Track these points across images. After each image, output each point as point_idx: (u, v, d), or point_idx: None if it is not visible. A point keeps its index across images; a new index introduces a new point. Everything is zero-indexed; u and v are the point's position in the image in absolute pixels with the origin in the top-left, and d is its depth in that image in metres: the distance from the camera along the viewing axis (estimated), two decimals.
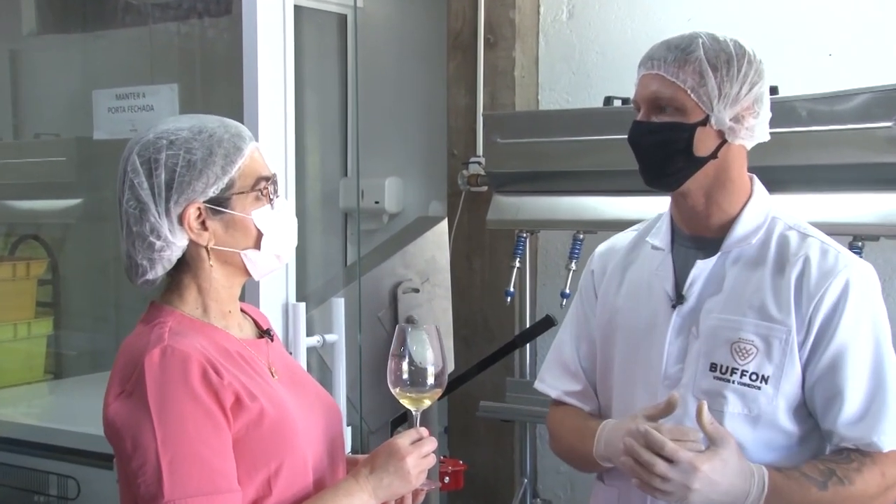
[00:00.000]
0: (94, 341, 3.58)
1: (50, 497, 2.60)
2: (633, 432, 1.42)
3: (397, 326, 1.47)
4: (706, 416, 1.42)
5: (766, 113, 1.55)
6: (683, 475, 1.38)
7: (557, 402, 1.75)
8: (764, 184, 1.62)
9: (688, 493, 1.38)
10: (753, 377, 1.49)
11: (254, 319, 1.51)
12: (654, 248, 1.65)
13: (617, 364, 1.64)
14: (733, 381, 1.50)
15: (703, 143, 1.52)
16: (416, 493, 1.47)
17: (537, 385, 1.78)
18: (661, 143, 1.52)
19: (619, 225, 1.85)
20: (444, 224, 2.74)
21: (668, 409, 1.46)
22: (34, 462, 2.60)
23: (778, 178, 1.78)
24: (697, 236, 1.60)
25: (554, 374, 1.75)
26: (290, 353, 2.12)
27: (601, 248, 1.76)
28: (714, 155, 1.53)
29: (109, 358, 1.37)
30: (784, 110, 2.40)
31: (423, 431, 1.43)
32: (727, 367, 1.51)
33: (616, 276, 1.69)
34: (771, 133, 1.59)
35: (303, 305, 2.16)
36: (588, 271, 1.75)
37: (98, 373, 3.24)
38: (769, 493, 1.42)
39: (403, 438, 1.41)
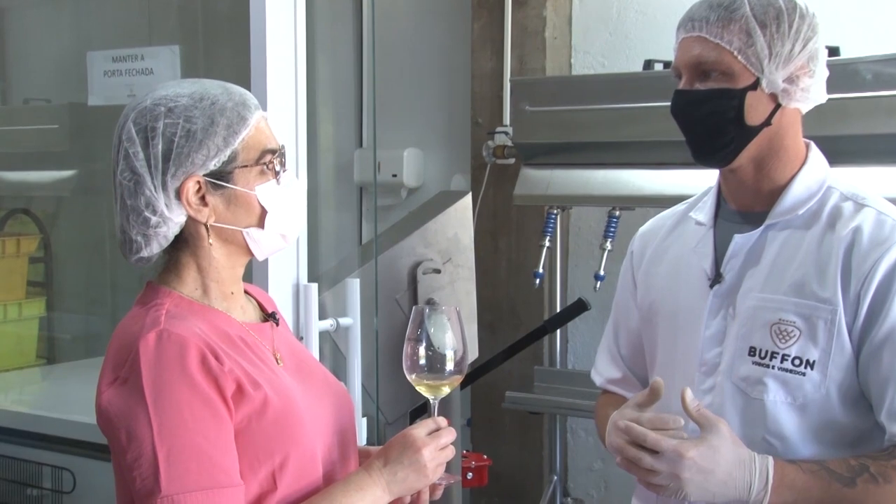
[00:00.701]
0: (89, 324, 3.61)
1: (44, 490, 2.63)
2: (617, 429, 1.44)
3: (414, 308, 1.47)
4: (690, 401, 1.42)
5: (822, 71, 1.52)
6: (671, 464, 1.38)
7: (604, 391, 1.79)
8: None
9: (680, 483, 1.38)
10: (796, 362, 1.47)
11: (258, 302, 1.50)
12: (698, 223, 1.63)
13: (659, 351, 1.63)
14: (773, 367, 1.48)
15: (755, 110, 1.49)
16: (433, 488, 1.47)
17: (592, 373, 1.82)
18: (709, 114, 1.49)
19: (659, 201, 1.84)
20: (468, 199, 2.73)
21: (653, 396, 1.46)
22: (26, 452, 2.63)
23: (838, 148, 1.74)
24: (746, 211, 1.58)
25: (603, 361, 1.79)
26: (301, 339, 2.13)
27: (644, 227, 1.76)
28: (767, 122, 1.50)
29: (105, 342, 1.37)
30: (846, 74, 2.35)
31: (441, 421, 1.43)
32: (767, 352, 1.48)
33: (657, 257, 1.68)
34: (831, 99, 1.56)
35: (314, 287, 2.16)
36: (628, 253, 1.75)
37: (93, 358, 3.26)
38: (777, 485, 1.40)
39: (419, 429, 1.41)
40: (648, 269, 1.68)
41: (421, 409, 2.56)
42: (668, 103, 1.54)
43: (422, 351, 1.45)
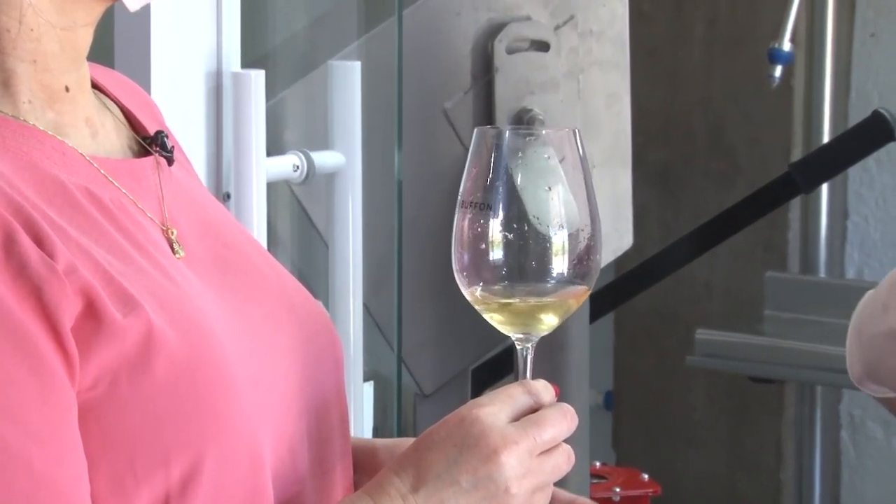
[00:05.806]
0: None
1: None
2: None
3: (476, 130, 1.49)
4: None
5: None
6: None
7: None
8: None
9: None
10: None
11: (124, 110, 1.55)
12: None
13: None
14: None
15: None
16: None
17: None
18: None
19: None
20: None
21: None
22: None
23: None
24: None
25: None
26: (228, 197, 2.19)
27: None
28: None
29: None
30: None
31: (542, 391, 1.46)
32: None
33: None
34: None
35: (258, 77, 2.22)
36: None
37: None
38: None
39: (495, 406, 1.44)
40: None
41: (496, 366, 2.62)
42: None
43: (495, 230, 1.48)
